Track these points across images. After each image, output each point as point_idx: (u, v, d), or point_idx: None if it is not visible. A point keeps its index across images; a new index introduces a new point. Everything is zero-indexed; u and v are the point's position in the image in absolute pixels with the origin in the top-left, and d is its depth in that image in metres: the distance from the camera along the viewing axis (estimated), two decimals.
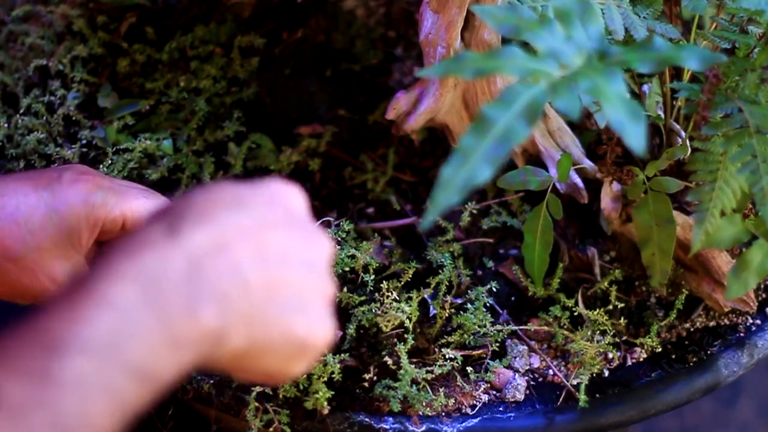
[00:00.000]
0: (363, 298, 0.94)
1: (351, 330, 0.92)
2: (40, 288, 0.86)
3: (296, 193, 0.70)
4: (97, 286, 0.59)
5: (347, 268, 0.96)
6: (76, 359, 0.56)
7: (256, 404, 0.89)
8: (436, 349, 0.94)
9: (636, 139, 0.63)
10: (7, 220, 0.84)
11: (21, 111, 1.08)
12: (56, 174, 0.88)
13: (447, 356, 0.93)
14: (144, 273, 0.59)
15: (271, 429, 0.89)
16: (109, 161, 1.03)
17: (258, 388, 0.90)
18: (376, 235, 1.02)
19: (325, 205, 1.07)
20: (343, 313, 0.94)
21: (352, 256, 0.96)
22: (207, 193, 0.65)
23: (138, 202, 0.89)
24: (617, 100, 0.65)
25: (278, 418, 0.89)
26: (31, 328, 0.57)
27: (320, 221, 1.00)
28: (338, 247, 0.96)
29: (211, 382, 0.91)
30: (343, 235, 0.98)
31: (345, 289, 0.95)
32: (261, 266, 0.63)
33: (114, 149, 1.04)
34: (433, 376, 0.92)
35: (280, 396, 0.90)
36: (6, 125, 1.07)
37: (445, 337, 0.95)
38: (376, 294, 0.94)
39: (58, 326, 0.57)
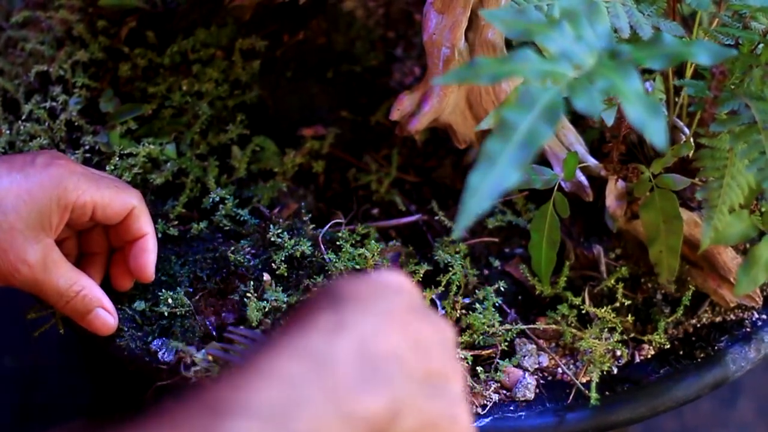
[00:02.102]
0: None
1: None
2: (11, 269, 0.88)
3: (410, 282, 0.71)
4: (266, 359, 0.60)
5: (357, 267, 0.95)
6: (243, 423, 0.56)
7: None
8: None
9: (657, 134, 0.63)
10: None
11: (23, 117, 1.08)
12: (30, 158, 0.90)
13: (457, 356, 0.93)
14: (314, 351, 0.61)
15: None
16: (113, 166, 1.03)
17: None
18: (394, 242, 1.02)
19: (329, 207, 1.07)
20: None
21: (362, 256, 0.96)
22: (351, 284, 0.67)
23: (109, 192, 0.91)
24: (636, 98, 0.65)
25: None
26: (198, 395, 0.58)
27: (332, 222, 1.00)
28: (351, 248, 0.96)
29: None
30: (358, 238, 0.98)
31: None
32: (414, 351, 0.65)
33: (119, 154, 1.04)
34: None
35: None
36: (8, 132, 1.07)
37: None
38: None
39: (224, 394, 0.58)
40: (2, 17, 1.18)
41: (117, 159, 1.04)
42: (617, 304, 0.98)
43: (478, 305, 0.96)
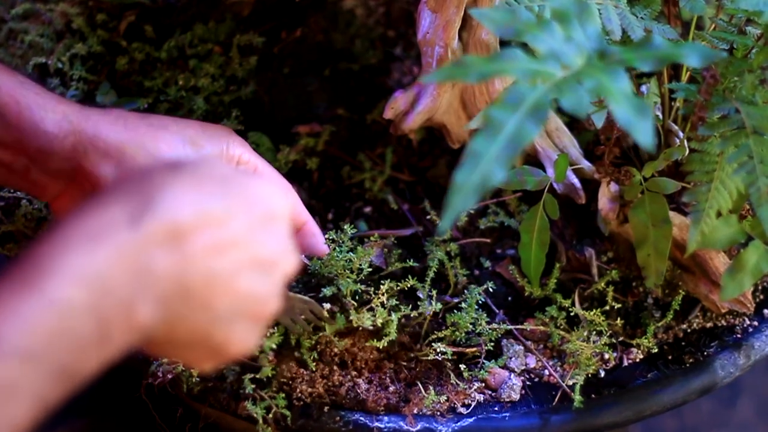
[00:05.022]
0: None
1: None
2: None
3: (283, 199, 0.69)
4: (44, 279, 0.57)
5: (340, 272, 0.93)
6: (6, 364, 0.54)
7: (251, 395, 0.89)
8: (425, 347, 0.94)
9: (644, 135, 0.63)
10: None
11: None
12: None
13: (438, 350, 0.93)
14: (93, 272, 0.58)
15: (270, 415, 0.89)
16: None
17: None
18: (377, 236, 1.00)
19: (322, 204, 1.07)
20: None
21: (349, 261, 0.93)
22: (193, 168, 0.64)
23: (269, 167, 0.90)
24: (623, 98, 0.65)
25: (275, 402, 0.89)
26: None
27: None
28: (337, 248, 0.94)
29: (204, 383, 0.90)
30: (346, 239, 0.95)
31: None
32: (208, 270, 0.63)
33: None
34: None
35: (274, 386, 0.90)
36: None
37: (435, 332, 0.94)
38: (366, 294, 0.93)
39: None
40: (4, 9, 1.18)
41: None
42: (607, 307, 0.98)
43: (464, 304, 0.96)
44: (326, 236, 0.94)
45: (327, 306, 0.90)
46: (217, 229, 0.63)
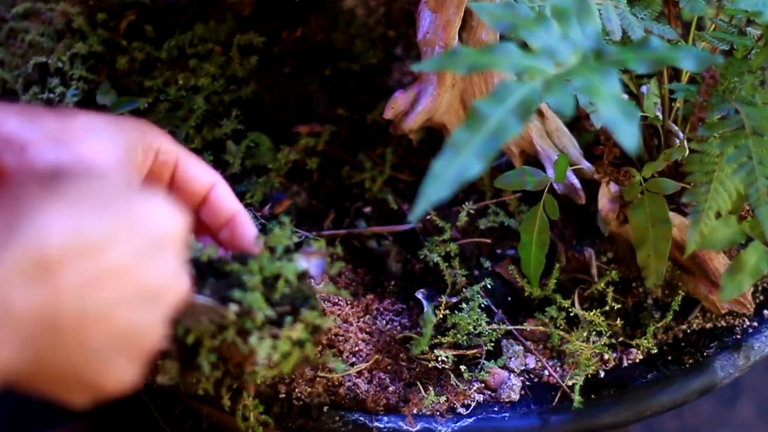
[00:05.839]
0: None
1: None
2: None
3: (175, 219, 0.62)
4: None
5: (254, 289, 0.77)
6: None
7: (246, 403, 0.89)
8: (429, 349, 0.94)
9: (629, 138, 0.63)
10: None
11: None
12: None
13: (440, 358, 0.93)
14: None
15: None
16: None
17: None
18: (316, 243, 0.85)
19: (322, 204, 1.07)
20: None
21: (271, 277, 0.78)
22: (72, 184, 0.58)
23: (193, 157, 0.82)
24: (611, 99, 0.65)
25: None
26: None
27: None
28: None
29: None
30: (281, 244, 0.81)
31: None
32: (82, 306, 0.57)
33: None
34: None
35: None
36: None
37: (439, 337, 0.94)
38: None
39: None
40: (5, 8, 1.18)
41: None
42: (607, 308, 0.97)
43: (464, 305, 0.96)
44: (262, 241, 0.81)
45: (234, 308, 0.74)
46: (93, 259, 0.57)
